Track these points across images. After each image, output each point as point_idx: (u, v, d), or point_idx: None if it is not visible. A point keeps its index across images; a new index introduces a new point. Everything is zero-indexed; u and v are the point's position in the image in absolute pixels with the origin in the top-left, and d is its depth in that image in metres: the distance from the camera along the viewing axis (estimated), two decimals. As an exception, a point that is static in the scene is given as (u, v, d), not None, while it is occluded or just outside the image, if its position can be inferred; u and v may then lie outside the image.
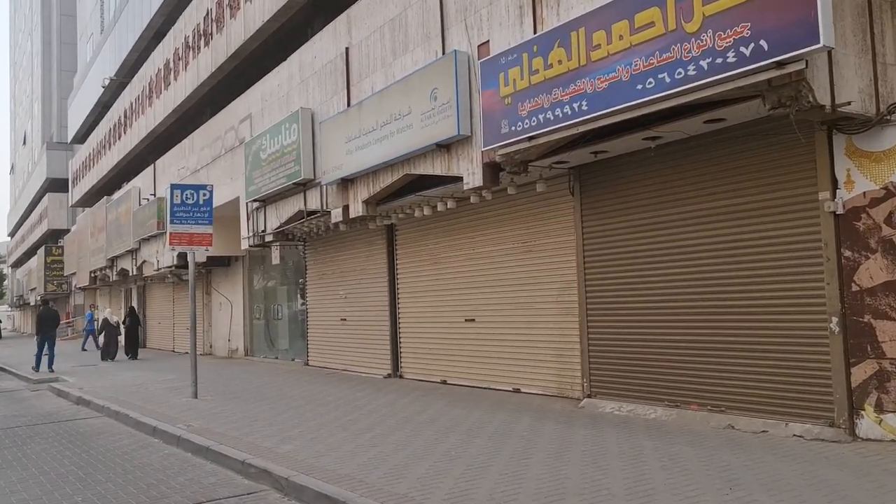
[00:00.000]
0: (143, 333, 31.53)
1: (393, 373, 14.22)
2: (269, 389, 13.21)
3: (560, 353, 10.48)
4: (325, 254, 16.83)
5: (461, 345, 12.44)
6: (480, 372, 12.00)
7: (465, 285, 12.36)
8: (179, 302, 27.37)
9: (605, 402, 9.38)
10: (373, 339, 14.89)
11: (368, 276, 15.09)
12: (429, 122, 10.63)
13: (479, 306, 12.06)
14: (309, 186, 14.70)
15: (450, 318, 12.73)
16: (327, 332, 16.81)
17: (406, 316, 14.03)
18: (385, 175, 12.15)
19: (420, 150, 11.00)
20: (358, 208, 12.95)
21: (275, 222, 16.32)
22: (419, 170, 11.31)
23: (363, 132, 12.31)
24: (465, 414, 9.45)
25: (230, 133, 19.03)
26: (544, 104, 8.51)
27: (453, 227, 12.61)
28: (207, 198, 12.63)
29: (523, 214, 11.07)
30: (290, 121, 14.83)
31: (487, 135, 9.47)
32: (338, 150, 13.13)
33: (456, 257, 12.59)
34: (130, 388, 14.58)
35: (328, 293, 16.75)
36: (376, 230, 14.56)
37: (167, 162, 24.89)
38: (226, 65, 19.74)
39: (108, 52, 34.67)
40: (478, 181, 10.05)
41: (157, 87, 25.73)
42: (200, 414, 10.48)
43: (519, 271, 11.23)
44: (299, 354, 18.91)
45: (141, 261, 27.46)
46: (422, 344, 13.51)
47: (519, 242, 11.21)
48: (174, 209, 12.40)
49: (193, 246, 12.51)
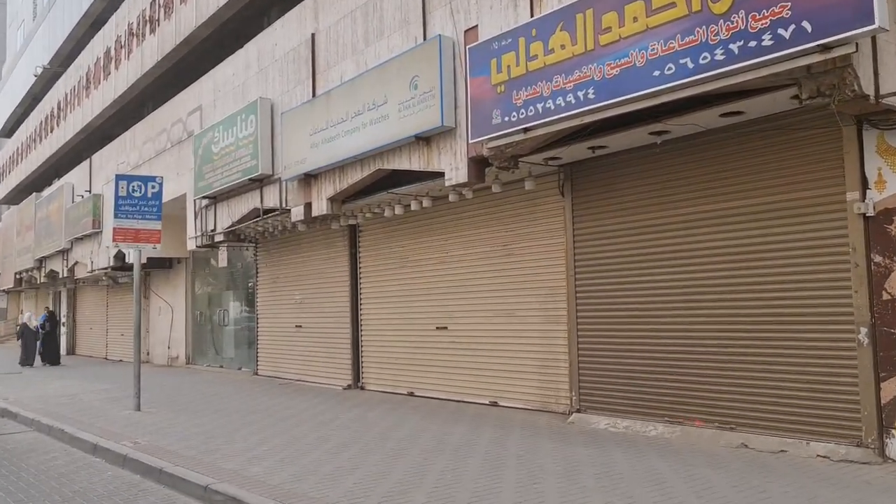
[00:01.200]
0: (71, 339, 29.72)
1: (354, 384, 13.30)
2: (220, 401, 12.13)
3: (544, 364, 9.78)
4: (279, 256, 15.80)
5: (432, 354, 11.62)
6: (453, 384, 11.20)
7: (437, 291, 11.56)
8: (114, 306, 25.76)
9: (598, 417, 8.70)
10: (331, 347, 13.94)
11: (328, 280, 14.14)
12: (408, 113, 9.82)
13: (453, 313, 11.28)
14: (266, 182, 13.69)
15: (419, 326, 11.90)
16: (280, 339, 15.76)
17: (369, 323, 13.14)
18: (354, 170, 11.28)
19: (396, 143, 10.18)
20: (322, 206, 12.03)
21: (226, 221, 15.22)
22: (393, 164, 10.48)
23: (331, 124, 11.42)
24: (445, 430, 8.63)
25: (177, 126, 17.82)
26: (543, 92, 7.81)
27: (425, 227, 11.81)
28: (157, 191, 11.53)
29: (506, 215, 10.35)
30: (247, 112, 13.81)
31: (475, 126, 8.72)
32: (301, 144, 12.19)
33: (427, 260, 11.79)
34: (62, 398, 13.26)
35: (282, 298, 15.71)
36: (338, 231, 13.64)
37: (105, 157, 23.37)
38: (173, 53, 18.52)
39: (41, 39, 32.70)
40: (461, 177, 9.29)
41: (96, 76, 24.19)
42: (146, 429, 9.39)
43: (499, 276, 10.49)
44: (247, 363, 17.78)
45: (73, 262, 25.74)
46: (386, 353, 12.64)
47: (499, 245, 10.48)
48: (119, 202, 11.27)
49: (139, 244, 11.39)
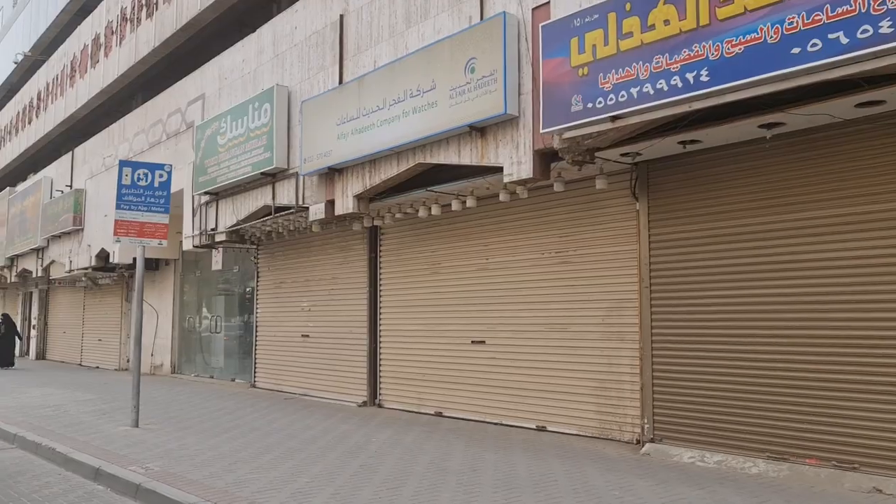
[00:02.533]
0: (42, 343, 28.04)
1: (370, 400, 12.12)
2: (224, 417, 10.87)
3: (603, 386, 8.72)
4: (284, 259, 14.59)
5: (465, 371, 10.51)
6: (491, 404, 10.09)
7: (474, 301, 10.46)
8: (92, 309, 24.24)
9: (678, 449, 7.64)
10: (344, 360, 12.75)
11: (342, 287, 12.97)
12: (461, 100, 8.75)
13: (492, 326, 10.19)
14: (280, 178, 12.51)
15: (451, 339, 10.79)
16: (283, 349, 14.52)
17: (390, 334, 11.99)
18: (388, 165, 10.17)
19: (444, 134, 9.10)
20: (347, 204, 10.89)
21: (230, 219, 13.98)
22: (438, 158, 9.40)
23: (363, 112, 10.31)
24: (504, 459, 7.51)
25: (175, 116, 16.56)
26: (639, 75, 6.79)
27: (461, 231, 10.73)
28: (164, 180, 10.31)
29: (561, 217, 9.30)
30: (261, 100, 12.63)
31: (549, 114, 7.67)
32: (325, 135, 11.06)
33: (462, 267, 10.69)
34: (44, 409, 11.90)
35: (286, 305, 14.49)
36: (357, 233, 12.50)
37: (90, 149, 21.95)
38: (173, 39, 17.28)
39: (21, 26, 31.13)
40: (525, 172, 8.22)
41: (83, 65, 22.79)
42: (153, 450, 8.14)
43: (549, 286, 9.43)
44: (241, 374, 16.48)
45: (49, 260, 24.21)
46: (410, 368, 11.49)
47: (552, 251, 9.43)
48: (122, 192, 10.03)
49: (144, 238, 10.15)
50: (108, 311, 22.77)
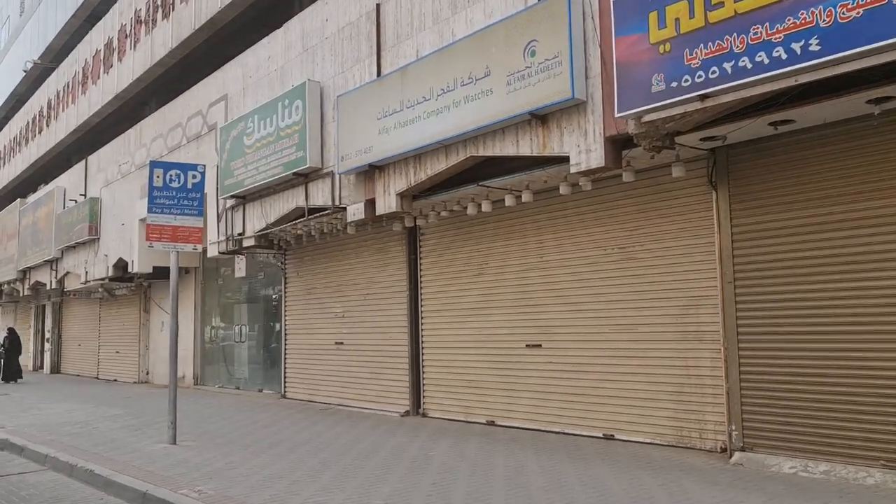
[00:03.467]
0: (56, 356, 27.48)
1: (413, 410, 11.50)
2: (263, 431, 10.26)
3: (680, 391, 8.09)
4: (314, 264, 13.99)
5: (520, 377, 9.89)
6: (550, 412, 9.46)
7: (528, 302, 9.85)
8: (108, 320, 23.64)
9: (775, 458, 6.99)
10: (383, 367, 12.14)
11: (379, 291, 12.36)
12: (520, 86, 8.15)
13: (549, 329, 9.57)
14: (314, 177, 11.92)
15: (502, 343, 10.17)
16: (314, 358, 13.90)
17: (433, 339, 11.37)
18: (436, 159, 9.57)
19: (500, 124, 8.49)
20: (390, 203, 10.28)
21: (258, 223, 13.39)
22: (493, 150, 8.79)
23: (407, 104, 9.71)
24: (589, 474, 6.89)
25: (195, 119, 15.99)
26: (734, 48, 6.18)
27: (510, 228, 10.12)
28: (198, 181, 9.73)
29: (628, 211, 8.69)
30: (292, 97, 12.04)
31: (624, 96, 7.05)
32: (364, 130, 10.46)
33: (514, 267, 10.08)
34: (71, 426, 11.30)
35: (317, 311, 13.88)
36: (394, 234, 11.90)
37: (105, 157, 21.40)
38: (191, 40, 16.72)
39: (28, 34, 30.63)
40: (595, 161, 7.61)
41: (94, 71, 22.26)
42: (200, 471, 7.53)
43: (614, 284, 8.81)
44: (269, 384, 15.88)
45: (63, 272, 23.67)
46: (456, 375, 10.87)
47: (616, 247, 8.81)
48: (154, 194, 9.44)
49: (178, 243, 9.55)
50: (126, 323, 22.18)
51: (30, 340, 31.20)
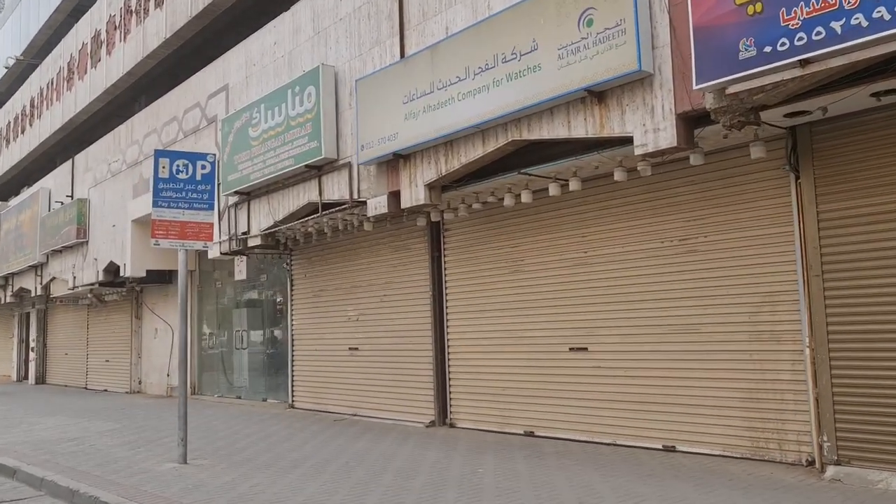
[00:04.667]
0: (41, 366, 26.30)
1: (439, 420, 10.63)
2: (281, 446, 9.34)
3: (755, 397, 7.28)
4: (324, 264, 13.08)
5: (562, 383, 9.05)
6: (598, 422, 8.63)
7: (571, 301, 9.02)
8: (97, 328, 22.57)
9: (880, 473, 6.18)
10: (404, 374, 11.26)
11: (398, 292, 11.49)
12: (574, 59, 7.31)
13: (595, 330, 8.74)
14: (328, 170, 11.02)
15: (542, 347, 9.33)
16: (325, 365, 13.00)
17: (461, 343, 10.51)
18: (471, 145, 8.72)
19: (548, 103, 7.65)
20: (417, 195, 9.41)
21: (265, 221, 12.46)
22: (539, 133, 7.94)
23: (439, 86, 8.85)
24: (673, 496, 6.06)
25: (193, 112, 15.03)
26: (845, 3, 5.38)
27: (549, 221, 9.29)
28: (208, 172, 8.83)
29: (690, 198, 7.87)
30: (303, 83, 11.14)
31: (704, 65, 6.23)
32: (388, 116, 9.60)
33: (552, 263, 9.25)
34: (66, 444, 10.32)
35: (328, 315, 12.97)
36: (415, 230, 11.05)
37: (93, 156, 20.35)
38: (186, 29, 15.76)
39: (9, 31, 29.45)
40: (665, 140, 6.78)
41: (81, 66, 21.20)
42: (222, 495, 6.62)
43: (673, 280, 8.00)
44: (273, 392, 14.96)
45: (49, 278, 22.57)
46: (488, 381, 10.02)
47: (676, 239, 8.00)
48: (159, 187, 8.53)
49: (186, 240, 8.63)
50: (117, 330, 21.13)
51: (13, 350, 29.99)
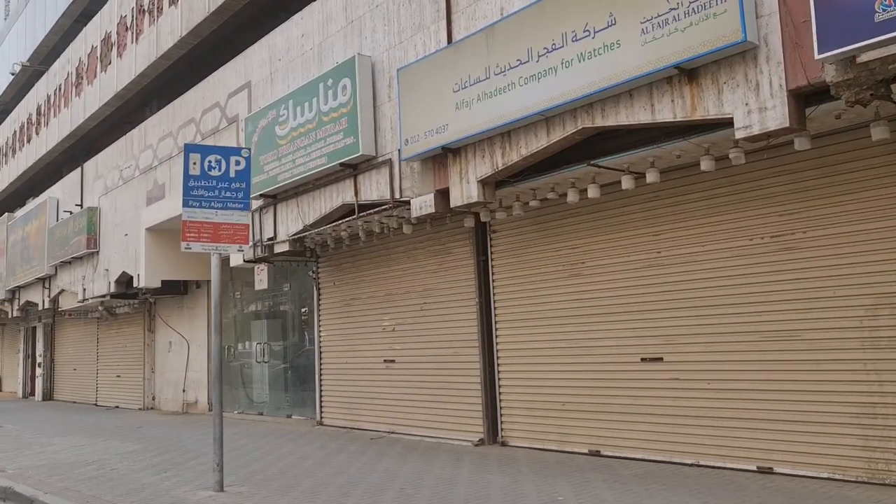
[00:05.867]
0: (49, 382, 25.45)
1: (489, 438, 9.77)
2: (322, 470, 8.49)
3: (870, 412, 6.43)
4: (355, 271, 12.25)
5: (633, 397, 8.20)
6: (678, 440, 7.77)
7: (642, 308, 8.18)
8: (107, 342, 21.73)
9: None
10: (448, 388, 10.41)
11: (439, 300, 10.65)
12: (661, 33, 6.50)
13: (672, 339, 7.90)
14: (364, 168, 10.21)
15: (605, 358, 8.49)
16: (357, 379, 12.14)
17: (512, 355, 9.66)
18: (532, 135, 7.90)
19: (628, 84, 6.84)
20: (470, 192, 8.59)
21: (293, 225, 11.64)
22: (615, 118, 7.12)
23: (495, 71, 8.05)
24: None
25: (211, 112, 14.25)
26: None
27: (613, 219, 8.47)
28: (242, 168, 8.00)
29: (786, 189, 7.05)
30: (337, 75, 10.35)
31: (828, 32, 5.41)
32: (435, 106, 8.79)
33: (618, 265, 8.42)
34: (84, 466, 9.48)
35: (360, 325, 12.13)
36: (458, 232, 10.24)
37: (103, 162, 19.57)
38: (203, 26, 14.99)
39: (14, 39, 28.76)
40: (774, 121, 5.95)
41: (91, 70, 20.46)
42: (274, 533, 5.77)
43: (767, 282, 7.16)
44: (298, 408, 14.11)
45: (57, 290, 21.75)
46: (544, 396, 9.16)
47: (768, 236, 7.16)
48: (190, 185, 7.71)
49: (220, 243, 7.80)
50: (129, 344, 20.28)
51: (18, 366, 29.16)
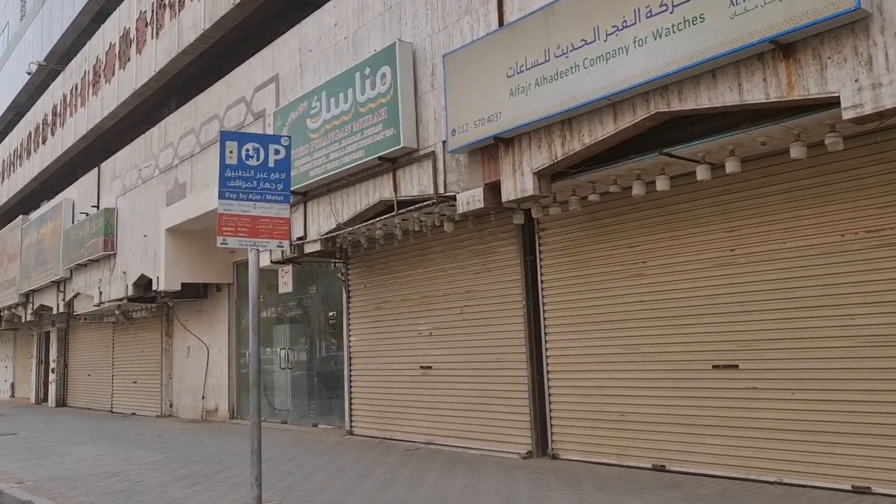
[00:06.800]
0: (62, 388, 24.93)
1: (538, 450, 9.12)
2: (363, 485, 7.85)
3: None
4: (387, 272, 11.64)
5: (704, 407, 7.54)
6: (756, 455, 7.10)
7: (714, 310, 7.52)
8: (123, 347, 21.19)
9: None
10: (492, 397, 9.77)
11: (482, 302, 10.02)
12: (754, 4, 5.83)
13: (749, 344, 7.23)
14: (404, 162, 9.61)
15: (673, 364, 7.83)
16: (390, 386, 11.51)
17: (563, 361, 9.01)
18: (597, 121, 7.27)
19: (712, 62, 6.20)
20: (524, 185, 7.96)
21: (325, 224, 11.05)
22: (696, 101, 6.48)
23: (557, 52, 7.42)
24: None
25: (236, 108, 13.69)
26: None
27: (680, 214, 7.83)
28: (282, 157, 7.38)
29: (882, 178, 6.40)
30: (375, 63, 9.76)
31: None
32: (486, 94, 8.17)
33: (686, 265, 7.77)
34: (107, 478, 8.89)
35: (392, 329, 11.50)
36: (501, 230, 9.63)
37: (121, 162, 19.06)
38: (227, 19, 14.46)
39: (30, 38, 28.37)
40: (893, 98, 5.30)
41: (109, 68, 19.98)
42: (329, 559, 5.14)
43: (862, 282, 6.49)
44: (325, 417, 13.52)
45: (72, 294, 21.24)
46: (602, 405, 8.51)
47: (864, 230, 6.51)
48: (227, 175, 7.09)
49: (259, 239, 7.18)
50: (145, 349, 19.72)
51: (31, 371, 28.67)
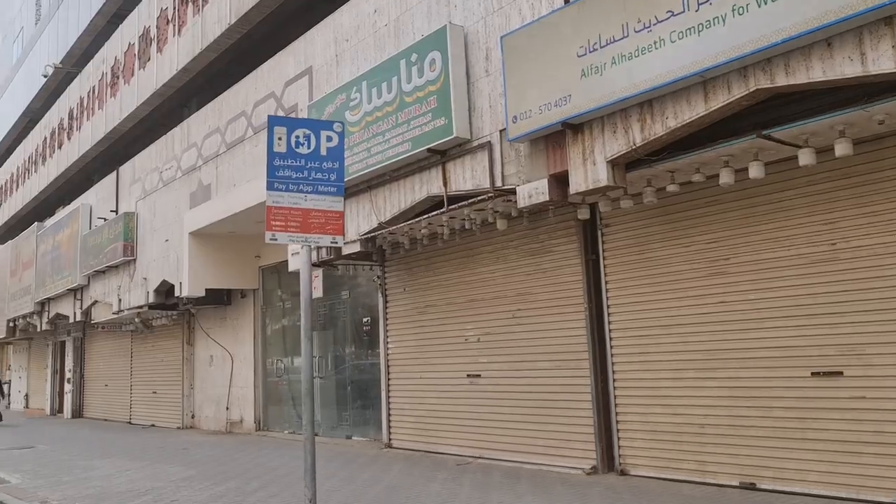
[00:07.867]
0: (78, 398, 24.33)
1: (603, 466, 8.38)
2: (416, 501, 7.16)
3: None
4: (429, 275, 10.94)
5: (802, 419, 6.80)
6: (863, 472, 6.35)
7: (811, 311, 6.79)
8: (142, 357, 20.57)
9: None
10: (550, 408, 9.04)
11: (536, 305, 9.31)
12: (886, -41, 5.17)
13: (857, 348, 6.49)
14: (454, 154, 8.93)
15: (762, 372, 7.09)
16: (433, 396, 10.79)
17: (632, 368, 8.28)
18: (685, 102, 6.56)
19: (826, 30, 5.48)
20: (596, 174, 7.24)
21: (365, 223, 10.37)
22: (805, 74, 5.75)
23: (636, 27, 6.72)
24: None
25: (265, 104, 13.05)
26: None
27: (771, 206, 7.11)
28: (335, 145, 6.71)
29: None
30: (423, 49, 9.09)
31: None
32: (552, 76, 7.48)
33: (774, 261, 7.05)
34: (139, 497, 8.20)
35: (436, 335, 10.80)
36: (558, 228, 8.95)
37: (141, 165, 18.46)
38: (254, 12, 13.84)
39: (46, 42, 27.89)
40: None
41: (127, 68, 19.40)
42: None
43: None
44: (360, 429, 12.83)
45: (90, 301, 20.64)
46: (677, 417, 7.77)
47: None
48: (275, 163, 6.42)
49: (311, 234, 6.50)
50: (166, 358, 19.08)
51: (46, 382, 28.12)
